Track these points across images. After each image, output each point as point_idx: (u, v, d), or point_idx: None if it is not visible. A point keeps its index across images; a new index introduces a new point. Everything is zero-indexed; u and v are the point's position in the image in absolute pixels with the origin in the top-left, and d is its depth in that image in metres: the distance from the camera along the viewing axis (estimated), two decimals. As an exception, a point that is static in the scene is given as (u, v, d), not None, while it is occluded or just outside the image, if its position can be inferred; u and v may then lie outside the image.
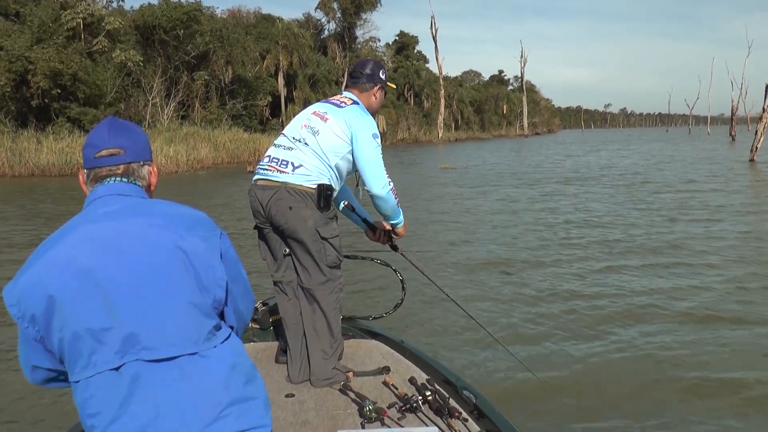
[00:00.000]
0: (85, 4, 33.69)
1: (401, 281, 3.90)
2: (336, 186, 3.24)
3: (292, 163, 3.12)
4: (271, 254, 3.32)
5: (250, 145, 35.93)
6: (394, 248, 3.69)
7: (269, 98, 47.67)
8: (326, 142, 3.14)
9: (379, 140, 3.26)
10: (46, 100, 31.08)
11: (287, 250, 3.23)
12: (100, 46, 33.47)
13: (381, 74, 3.48)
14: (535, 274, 8.50)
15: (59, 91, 30.84)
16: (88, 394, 1.49)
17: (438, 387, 2.88)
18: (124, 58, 33.37)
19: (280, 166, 3.14)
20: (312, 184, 3.10)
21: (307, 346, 3.23)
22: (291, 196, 3.07)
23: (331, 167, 3.17)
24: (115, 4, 45.83)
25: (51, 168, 26.76)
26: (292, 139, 3.18)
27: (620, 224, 12.23)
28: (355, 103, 3.32)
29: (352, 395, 2.91)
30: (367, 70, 3.43)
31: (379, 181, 3.20)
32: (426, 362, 3.30)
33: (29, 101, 30.98)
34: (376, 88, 3.45)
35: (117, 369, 1.48)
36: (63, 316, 1.47)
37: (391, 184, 3.28)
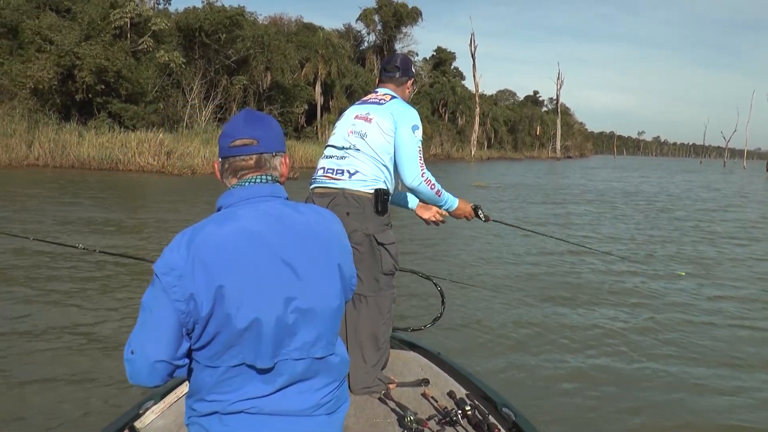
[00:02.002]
0: (134, 4, 34.40)
1: (441, 295, 3.91)
2: (391, 187, 3.24)
3: (348, 171, 3.13)
4: None
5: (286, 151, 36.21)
6: (485, 219, 3.73)
7: (305, 106, 47.93)
8: (375, 142, 3.15)
9: (419, 132, 3.25)
10: (89, 95, 31.74)
11: None
12: (145, 46, 34.10)
13: (412, 68, 3.54)
14: (592, 302, 8.46)
15: (103, 86, 31.48)
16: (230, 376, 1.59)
17: (477, 402, 2.88)
18: (167, 58, 33.95)
19: (336, 175, 3.15)
20: (369, 189, 3.11)
21: (351, 352, 3.17)
22: (348, 201, 3.08)
23: (386, 167, 3.18)
24: (161, 6, 46.85)
25: (91, 161, 27.34)
26: (341, 149, 3.19)
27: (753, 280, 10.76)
28: (393, 98, 3.32)
29: (392, 405, 2.91)
30: (401, 64, 3.45)
31: (411, 173, 3.19)
32: (465, 376, 3.28)
33: (74, 95, 31.67)
34: (409, 82, 3.49)
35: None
36: (239, 303, 1.54)
37: (426, 175, 3.24)
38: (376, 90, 3.42)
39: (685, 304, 8.31)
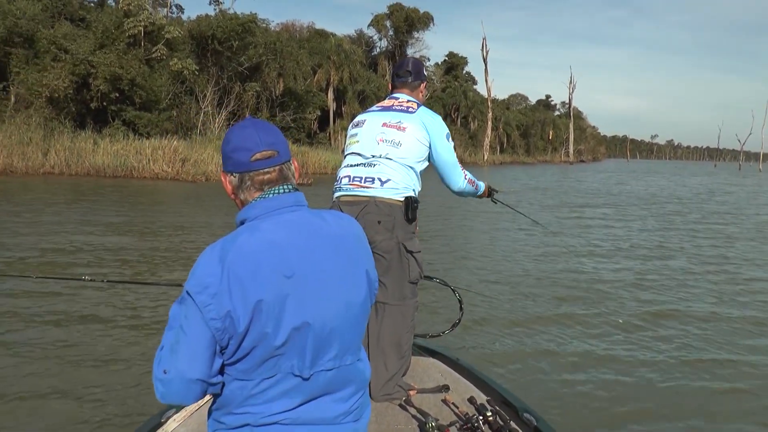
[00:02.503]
0: (147, 12, 34.61)
1: (459, 301, 3.90)
2: (418, 191, 3.25)
3: (379, 179, 3.12)
4: None
5: (299, 157, 36.23)
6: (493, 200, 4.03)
7: (318, 112, 48.02)
8: (410, 151, 3.17)
9: (451, 139, 3.35)
10: (104, 103, 31.95)
11: None
12: (159, 54, 34.27)
13: (424, 70, 3.55)
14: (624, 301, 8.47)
15: (117, 94, 31.69)
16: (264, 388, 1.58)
17: (498, 408, 2.87)
18: (180, 66, 34.12)
19: (365, 183, 3.13)
20: (400, 197, 3.12)
21: (373, 358, 3.17)
22: (380, 209, 3.08)
23: (416, 175, 3.22)
24: (174, 14, 47.19)
25: (105, 169, 27.45)
26: (371, 156, 3.17)
27: None
28: (419, 105, 3.34)
29: (413, 411, 2.90)
30: (413, 68, 3.46)
31: (457, 180, 3.39)
32: (485, 382, 3.27)
33: (88, 103, 31.89)
34: (423, 85, 3.50)
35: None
36: (277, 316, 1.53)
37: (468, 176, 3.46)
38: (394, 96, 3.41)
39: (709, 313, 8.22)
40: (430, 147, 3.25)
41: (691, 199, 29.54)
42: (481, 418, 2.72)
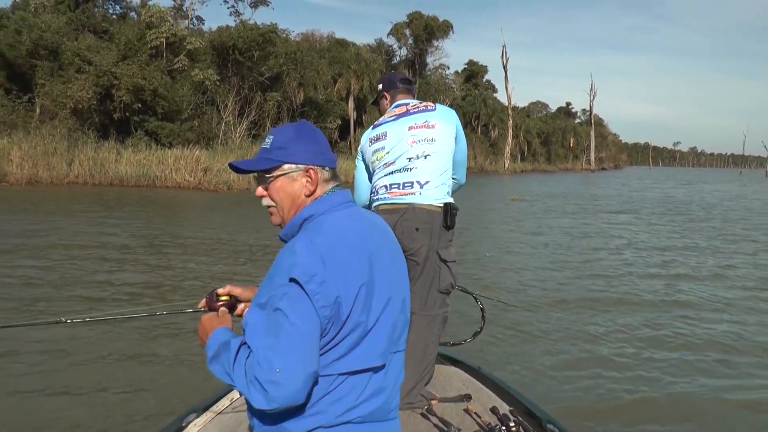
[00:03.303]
0: (169, 24, 34.98)
1: (481, 310, 3.85)
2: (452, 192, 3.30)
3: (418, 182, 3.11)
4: None
5: (320, 165, 36.37)
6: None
7: (339, 121, 48.22)
8: (444, 144, 3.19)
9: None
10: (127, 114, 32.27)
11: None
12: (180, 65, 34.58)
13: None
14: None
15: (140, 105, 31.99)
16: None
17: (521, 418, 2.82)
18: (202, 76, 34.39)
19: (404, 188, 3.13)
20: (439, 203, 3.11)
21: None
22: (418, 216, 3.07)
23: (449, 172, 3.22)
24: (195, 26, 47.64)
25: (129, 179, 27.67)
26: (407, 160, 3.15)
27: None
28: (436, 103, 3.36)
29: (435, 420, 2.87)
30: (408, 77, 3.57)
31: (464, 173, 3.49)
32: (507, 392, 3.22)
33: (112, 114, 32.21)
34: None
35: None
36: (370, 302, 1.61)
37: None
38: (403, 102, 3.39)
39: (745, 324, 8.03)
40: (455, 141, 3.29)
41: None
42: (504, 428, 2.69)
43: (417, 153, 3.14)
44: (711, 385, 5.69)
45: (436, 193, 3.12)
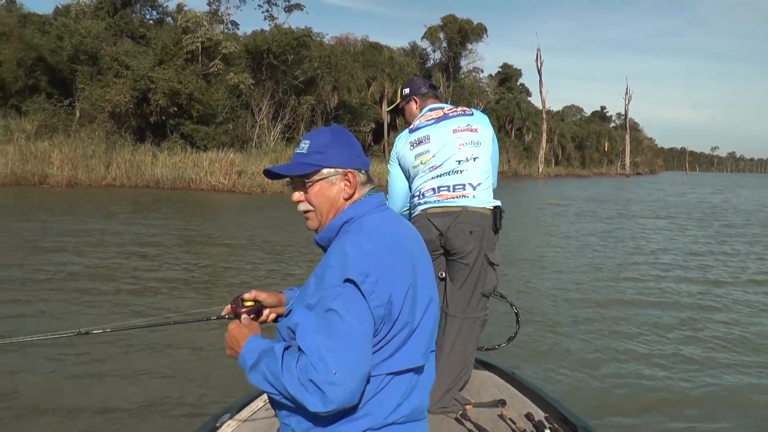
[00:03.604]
0: (205, 29, 35.39)
1: (516, 315, 3.80)
2: None
3: (470, 184, 3.12)
4: None
5: (354, 169, 36.44)
6: None
7: (372, 125, 48.31)
8: (488, 148, 3.22)
9: None
10: (163, 117, 32.68)
11: (444, 274, 3.15)
12: (216, 69, 34.95)
13: None
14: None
15: (176, 109, 32.36)
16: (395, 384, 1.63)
17: (557, 425, 2.78)
18: (236, 80, 34.70)
19: (455, 191, 3.11)
20: (489, 206, 3.13)
21: None
22: (472, 219, 3.07)
23: (491, 175, 3.25)
24: (230, 30, 48.14)
25: (164, 181, 28.06)
26: (456, 163, 3.13)
27: None
28: (471, 107, 3.37)
29: (470, 425, 2.84)
30: (433, 83, 3.54)
31: (496, 177, 3.41)
32: (542, 398, 3.18)
33: (148, 118, 32.64)
34: None
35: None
36: (415, 302, 1.62)
37: None
38: (437, 106, 3.36)
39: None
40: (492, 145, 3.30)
41: None
42: None
43: (466, 155, 3.13)
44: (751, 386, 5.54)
45: (486, 196, 3.15)
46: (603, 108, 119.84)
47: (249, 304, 1.92)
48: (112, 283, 8.76)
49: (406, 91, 3.48)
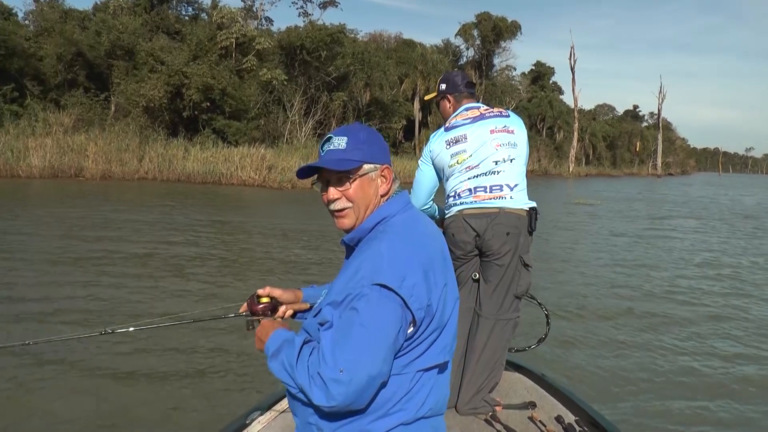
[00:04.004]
0: (239, 25, 35.66)
1: (546, 316, 3.78)
2: None
3: (508, 185, 3.10)
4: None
5: (384, 166, 36.43)
6: None
7: (404, 122, 48.26)
8: (523, 150, 3.21)
9: None
10: (196, 112, 33.03)
11: (477, 275, 3.15)
12: (249, 65, 35.19)
13: None
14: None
15: (208, 104, 32.68)
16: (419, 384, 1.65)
17: (587, 429, 2.79)
18: (269, 76, 34.90)
19: (492, 192, 3.10)
20: (526, 207, 3.12)
21: (463, 372, 3.15)
22: (509, 220, 3.06)
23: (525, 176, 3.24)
24: (264, 26, 48.39)
25: (195, 175, 28.39)
26: (493, 163, 3.11)
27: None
28: (508, 109, 3.35)
29: (499, 427, 2.86)
30: (471, 80, 3.49)
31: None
32: (572, 401, 3.15)
33: (181, 112, 33.05)
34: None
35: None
36: (446, 300, 1.66)
37: None
38: (473, 106, 3.34)
39: None
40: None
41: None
42: None
43: (503, 156, 3.12)
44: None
45: (523, 197, 3.14)
46: (635, 107, 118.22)
47: (264, 300, 1.95)
48: (139, 277, 8.89)
49: (443, 87, 3.44)
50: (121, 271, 9.29)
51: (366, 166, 1.74)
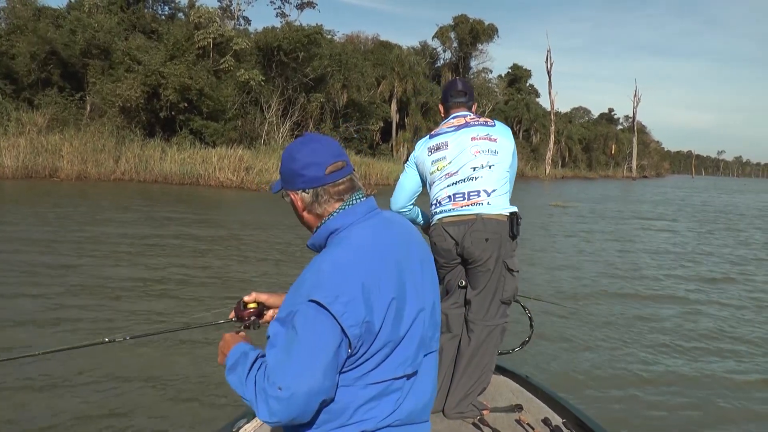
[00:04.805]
0: (216, 25, 35.43)
1: (529, 318, 3.82)
2: None
3: (485, 191, 3.11)
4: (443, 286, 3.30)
5: (362, 168, 36.33)
6: None
7: (381, 123, 48.28)
8: (506, 158, 3.21)
9: None
10: (173, 113, 32.70)
11: (464, 282, 3.18)
12: (227, 65, 34.99)
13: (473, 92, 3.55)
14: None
15: (186, 104, 32.36)
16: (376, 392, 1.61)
17: (575, 431, 2.82)
18: (247, 77, 34.72)
19: (469, 198, 3.11)
20: (505, 212, 3.11)
21: (452, 376, 3.16)
22: (487, 226, 3.06)
23: (508, 184, 3.24)
24: (241, 26, 48.18)
25: (173, 176, 28.17)
26: (471, 169, 3.14)
27: None
28: (494, 120, 3.36)
29: (487, 431, 2.88)
30: (466, 89, 3.46)
31: (512, 190, 3.38)
32: (558, 402, 3.19)
33: (158, 113, 32.70)
34: (474, 106, 3.49)
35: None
36: (400, 314, 1.60)
37: None
38: (460, 114, 3.36)
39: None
40: (512, 158, 3.29)
41: None
42: None
43: (481, 163, 3.14)
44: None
45: (502, 202, 3.14)
46: (611, 110, 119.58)
47: (252, 306, 1.99)
48: (128, 290, 8.83)
49: (441, 96, 3.53)
50: (102, 280, 9.18)
51: (283, 191, 1.82)
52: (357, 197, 1.75)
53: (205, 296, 8.38)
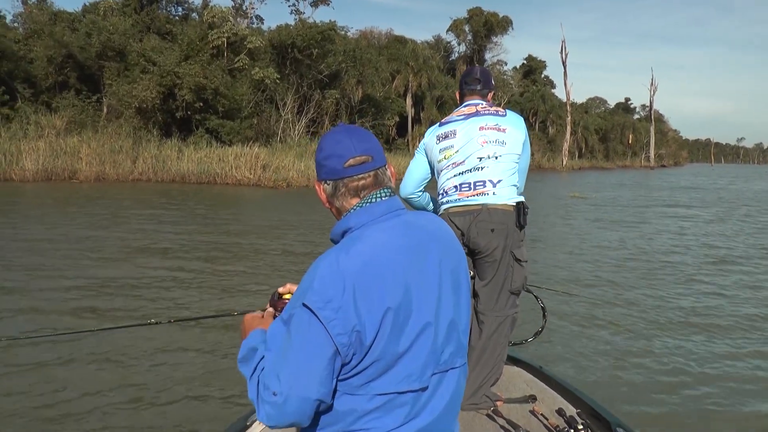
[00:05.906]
0: (230, 24, 35.57)
1: (542, 308, 3.79)
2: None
3: (491, 181, 3.09)
4: None
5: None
6: None
7: (396, 118, 48.28)
8: (514, 149, 3.16)
9: None
10: (189, 112, 32.90)
11: (472, 273, 3.14)
12: (241, 64, 35.12)
13: (492, 80, 3.49)
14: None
15: (201, 104, 32.53)
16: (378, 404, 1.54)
17: (589, 421, 2.78)
18: (262, 75, 34.83)
19: (475, 188, 3.10)
20: (511, 202, 3.09)
21: None
22: (492, 217, 3.05)
23: (517, 175, 3.21)
24: (255, 25, 48.31)
25: (190, 176, 28.34)
26: (477, 159, 3.12)
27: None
28: (506, 109, 3.32)
29: (502, 422, 2.85)
30: (481, 76, 3.41)
31: (524, 181, 3.40)
32: (573, 393, 3.16)
33: (174, 113, 32.92)
34: (491, 94, 3.44)
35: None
36: (401, 324, 1.50)
37: None
38: (472, 103, 3.33)
39: None
40: (522, 148, 3.24)
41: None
42: (572, 431, 2.66)
43: (488, 153, 3.11)
44: None
45: (508, 192, 3.11)
46: (627, 99, 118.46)
47: (286, 297, 1.97)
48: (157, 280, 8.89)
49: (459, 81, 3.48)
50: (142, 268, 9.52)
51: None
52: (378, 195, 1.65)
53: (243, 288, 8.57)
